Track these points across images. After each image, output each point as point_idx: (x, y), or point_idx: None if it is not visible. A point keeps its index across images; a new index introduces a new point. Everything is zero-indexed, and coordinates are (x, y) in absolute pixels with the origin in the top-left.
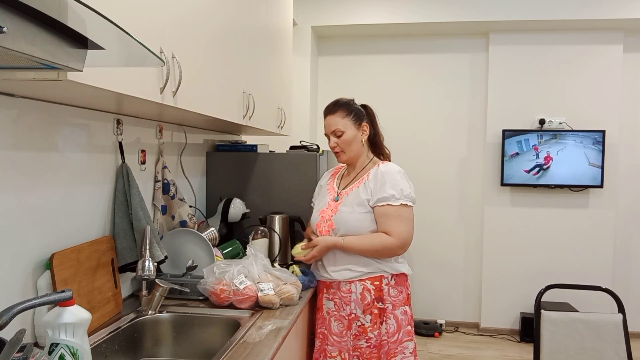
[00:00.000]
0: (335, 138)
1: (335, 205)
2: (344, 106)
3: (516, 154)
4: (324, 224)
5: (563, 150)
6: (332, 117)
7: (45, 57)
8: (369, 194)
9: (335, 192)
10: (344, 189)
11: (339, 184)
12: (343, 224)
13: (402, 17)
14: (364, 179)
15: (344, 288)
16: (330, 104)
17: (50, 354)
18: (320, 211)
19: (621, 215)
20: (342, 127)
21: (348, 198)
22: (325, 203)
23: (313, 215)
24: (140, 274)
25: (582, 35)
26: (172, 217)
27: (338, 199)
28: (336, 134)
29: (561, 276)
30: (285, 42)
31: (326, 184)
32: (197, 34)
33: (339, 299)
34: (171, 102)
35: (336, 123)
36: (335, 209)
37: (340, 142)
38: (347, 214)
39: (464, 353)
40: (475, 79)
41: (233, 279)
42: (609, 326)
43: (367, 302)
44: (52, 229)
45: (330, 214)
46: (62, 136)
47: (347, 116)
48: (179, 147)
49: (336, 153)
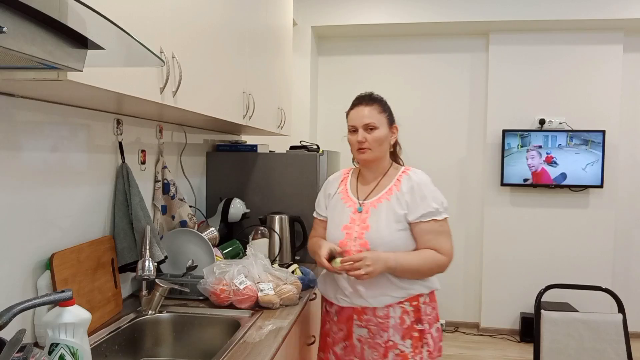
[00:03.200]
0: (365, 132)
1: (361, 220)
2: (381, 101)
3: (516, 154)
4: (353, 243)
5: (563, 150)
6: (368, 109)
7: (45, 57)
8: (404, 207)
9: (356, 203)
10: (366, 199)
11: (357, 193)
12: (381, 244)
13: (402, 17)
14: (393, 189)
15: (380, 313)
16: (365, 94)
17: (50, 354)
18: (343, 227)
19: (621, 215)
20: (377, 122)
21: (378, 212)
22: (346, 217)
23: (331, 230)
24: (140, 274)
25: (582, 35)
26: (172, 217)
27: (361, 210)
28: (369, 127)
29: (561, 276)
30: (285, 42)
31: (337, 193)
32: (197, 34)
33: (374, 326)
34: (171, 102)
35: (371, 116)
36: (365, 225)
37: (372, 138)
38: (384, 232)
39: (464, 353)
40: (475, 79)
41: (233, 279)
42: (609, 326)
43: (406, 326)
44: (52, 229)
45: (360, 231)
46: (62, 136)
47: (383, 112)
48: (179, 147)
49: (360, 150)
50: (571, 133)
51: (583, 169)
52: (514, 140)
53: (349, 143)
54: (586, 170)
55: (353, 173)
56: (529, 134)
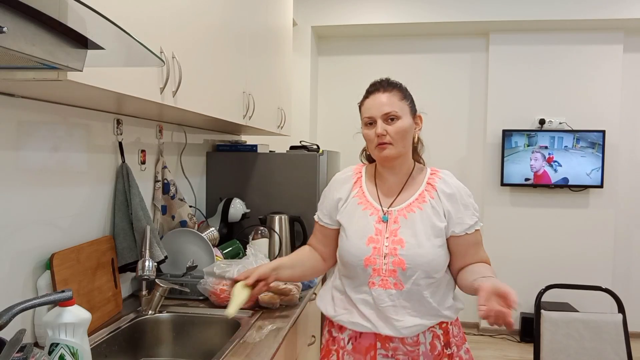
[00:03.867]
0: (385, 124)
1: (390, 232)
2: (402, 87)
3: (516, 153)
4: (383, 261)
5: (563, 150)
6: (387, 96)
7: (45, 57)
8: (443, 218)
9: (379, 210)
10: (392, 206)
11: (378, 197)
12: (423, 264)
13: (402, 17)
14: (426, 196)
15: (409, 340)
16: (383, 80)
17: (50, 354)
18: (369, 239)
19: (621, 215)
20: (399, 111)
21: (411, 223)
22: (370, 227)
23: (351, 242)
24: (140, 274)
25: (582, 35)
26: (172, 217)
27: (387, 219)
28: (389, 117)
29: (561, 276)
30: (285, 42)
31: (351, 197)
32: (197, 34)
33: (402, 355)
34: (171, 102)
35: (392, 104)
36: (397, 239)
37: (394, 130)
38: (426, 249)
39: None
40: (475, 79)
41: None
42: (609, 326)
43: (437, 352)
44: (52, 229)
45: (392, 247)
46: (62, 136)
47: (404, 99)
48: (179, 147)
49: (380, 146)
50: (577, 135)
51: (588, 175)
52: (521, 139)
53: (365, 138)
54: (591, 177)
55: (367, 172)
56: (536, 134)
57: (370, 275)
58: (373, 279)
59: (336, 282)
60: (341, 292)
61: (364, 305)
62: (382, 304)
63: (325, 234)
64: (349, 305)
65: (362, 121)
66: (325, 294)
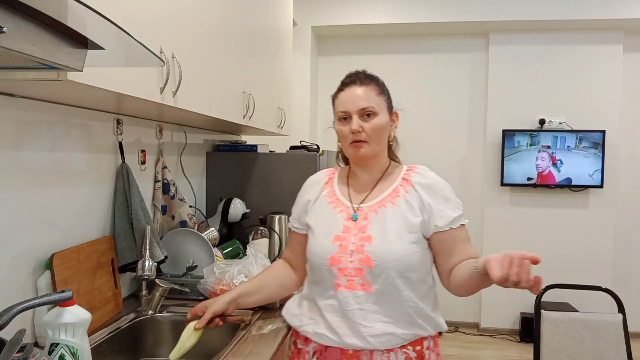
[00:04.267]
0: (361, 120)
1: (359, 229)
2: (379, 81)
3: (516, 153)
4: (349, 259)
5: (563, 150)
6: (363, 90)
7: (45, 57)
8: (418, 212)
9: (349, 207)
10: (363, 202)
11: (349, 196)
12: (391, 260)
13: (402, 17)
14: (400, 190)
15: (378, 358)
16: (359, 72)
17: (50, 354)
18: (335, 237)
19: (621, 216)
20: (376, 106)
21: (381, 218)
22: (338, 225)
23: (317, 242)
24: (140, 274)
25: (582, 35)
26: (172, 217)
27: (357, 217)
28: (366, 112)
29: (561, 276)
30: (285, 42)
31: (321, 197)
32: (197, 34)
33: None
34: (171, 102)
35: (369, 98)
36: (365, 235)
37: (370, 127)
38: (395, 244)
39: (464, 353)
40: (475, 79)
41: (233, 279)
42: (609, 326)
43: None
44: (52, 229)
45: (359, 243)
46: (62, 136)
47: (381, 94)
48: (179, 147)
49: (354, 143)
50: (580, 135)
51: (590, 175)
52: (524, 139)
53: (339, 134)
54: (593, 177)
55: (340, 173)
56: (539, 134)
57: (336, 276)
58: (339, 280)
59: (304, 290)
60: (309, 299)
61: (330, 311)
62: (348, 307)
63: (297, 241)
64: (315, 314)
65: (335, 115)
66: (292, 303)
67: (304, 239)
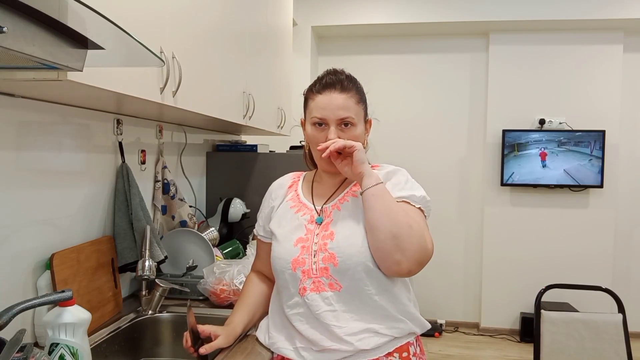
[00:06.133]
0: (338, 130)
1: (322, 227)
2: (359, 88)
3: (516, 153)
4: (312, 259)
5: (563, 150)
6: (344, 98)
7: (45, 57)
8: None
9: (313, 210)
10: (327, 203)
11: (312, 198)
12: (355, 254)
13: (402, 17)
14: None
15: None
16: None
17: (50, 354)
18: (297, 240)
19: (621, 215)
20: (355, 117)
21: (344, 214)
22: (301, 228)
23: (281, 247)
24: (140, 274)
25: (582, 35)
26: (172, 217)
27: (322, 220)
28: (345, 122)
29: (561, 276)
30: (285, 42)
31: (284, 202)
32: (197, 34)
33: None
34: (171, 102)
35: (348, 108)
36: (327, 233)
37: (347, 138)
38: (357, 238)
39: (464, 353)
40: (475, 79)
41: (233, 279)
42: (609, 326)
43: None
44: (52, 229)
45: (322, 242)
46: (62, 136)
47: (360, 102)
48: (179, 147)
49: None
50: (580, 134)
51: (583, 169)
52: (524, 138)
53: (310, 140)
54: (593, 177)
55: (306, 177)
56: (539, 134)
57: (301, 280)
58: (304, 284)
59: (270, 305)
60: (277, 312)
61: (300, 320)
62: (318, 310)
63: (265, 250)
64: (289, 330)
65: (307, 118)
66: (268, 320)
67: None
